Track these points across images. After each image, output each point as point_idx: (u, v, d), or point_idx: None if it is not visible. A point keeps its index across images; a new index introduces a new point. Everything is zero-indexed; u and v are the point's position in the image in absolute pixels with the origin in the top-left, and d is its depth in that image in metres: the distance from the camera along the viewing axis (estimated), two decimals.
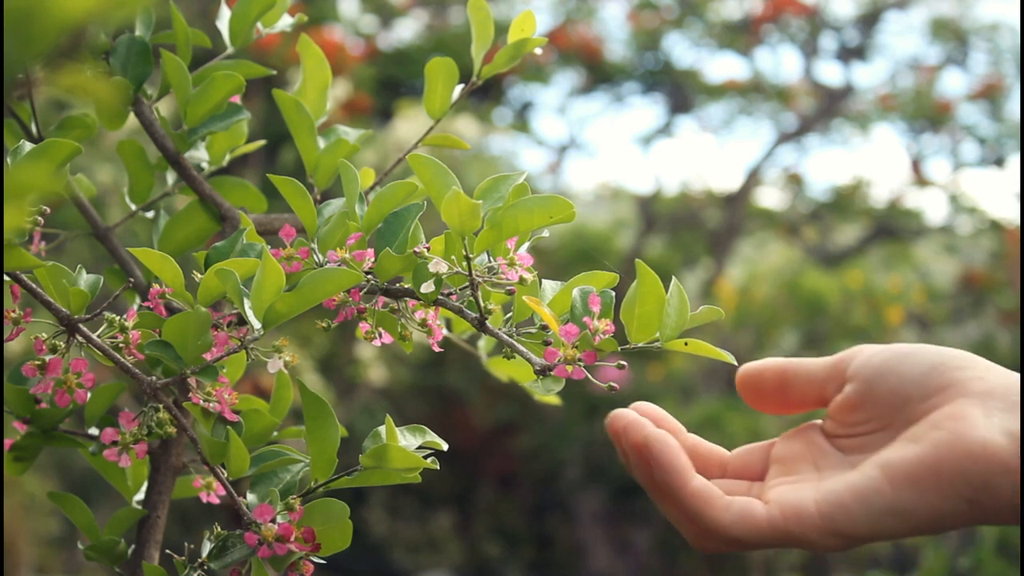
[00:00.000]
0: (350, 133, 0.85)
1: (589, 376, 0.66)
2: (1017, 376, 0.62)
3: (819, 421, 0.68)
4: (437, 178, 0.66)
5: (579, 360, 0.65)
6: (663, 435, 0.63)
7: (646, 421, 0.64)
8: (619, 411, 0.65)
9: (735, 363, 0.67)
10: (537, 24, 0.81)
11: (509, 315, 0.70)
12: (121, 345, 0.70)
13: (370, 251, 0.71)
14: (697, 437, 0.69)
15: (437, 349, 0.74)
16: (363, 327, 0.72)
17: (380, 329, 0.72)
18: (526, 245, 0.70)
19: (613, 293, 0.67)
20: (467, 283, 0.68)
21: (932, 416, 0.60)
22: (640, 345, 0.67)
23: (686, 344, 0.67)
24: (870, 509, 0.60)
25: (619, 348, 0.66)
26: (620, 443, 0.65)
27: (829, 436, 0.66)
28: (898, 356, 0.63)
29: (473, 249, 0.67)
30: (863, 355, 0.65)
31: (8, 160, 0.68)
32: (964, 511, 0.59)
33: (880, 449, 0.62)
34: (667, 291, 0.66)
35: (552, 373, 0.65)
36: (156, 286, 0.72)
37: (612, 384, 0.67)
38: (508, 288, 0.68)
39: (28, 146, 0.68)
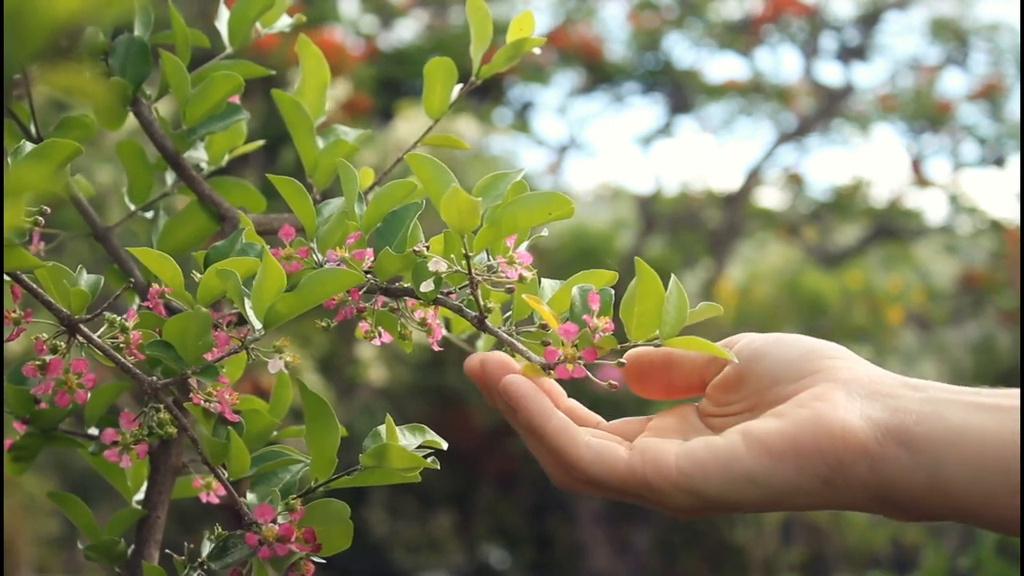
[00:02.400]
0: (349, 133, 0.85)
1: (589, 375, 0.66)
2: (884, 372, 0.64)
3: (690, 403, 0.70)
4: (436, 177, 0.66)
5: (579, 358, 0.65)
6: (520, 378, 0.65)
7: (509, 363, 0.67)
8: (469, 360, 0.68)
9: (736, 360, 0.67)
10: (537, 24, 0.81)
11: (508, 314, 0.70)
12: (122, 345, 0.70)
13: (369, 250, 0.71)
14: (575, 402, 0.71)
15: (437, 348, 0.74)
16: (363, 326, 0.72)
17: (380, 328, 0.72)
18: (525, 243, 0.70)
19: (612, 291, 0.67)
20: (466, 282, 0.68)
21: (798, 396, 0.63)
22: (640, 343, 0.67)
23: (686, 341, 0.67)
24: (727, 472, 0.61)
25: (619, 346, 0.67)
26: (481, 384, 0.68)
27: (703, 415, 0.68)
28: (774, 341, 0.67)
29: (472, 247, 0.67)
30: (744, 339, 0.68)
31: (8, 160, 0.68)
32: (819, 490, 0.61)
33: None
34: (666, 289, 0.66)
35: (552, 372, 0.65)
36: (155, 286, 0.72)
37: (612, 382, 0.67)
38: (508, 286, 0.69)
39: (29, 146, 0.68)
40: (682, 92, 5.42)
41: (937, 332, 5.44)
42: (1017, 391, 0.60)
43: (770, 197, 5.89)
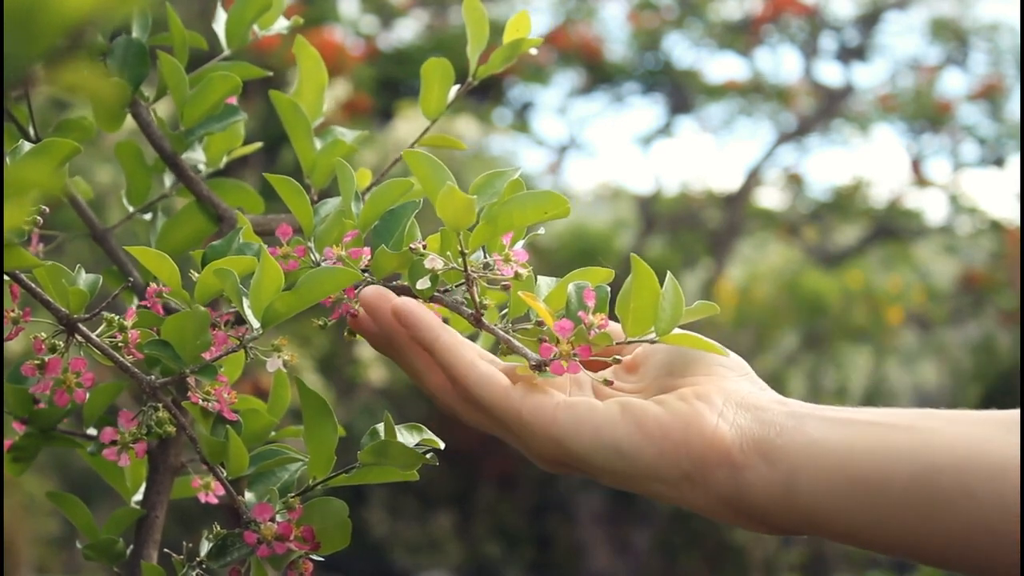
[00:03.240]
0: (347, 134, 0.85)
1: (585, 371, 0.66)
2: (764, 388, 0.66)
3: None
4: (432, 174, 0.67)
5: (574, 355, 0.65)
6: (410, 300, 0.67)
7: (392, 294, 0.68)
8: (364, 290, 0.68)
9: (729, 354, 0.68)
10: (537, 24, 0.81)
11: (505, 311, 0.71)
12: (120, 344, 0.70)
13: (366, 249, 0.71)
14: (453, 335, 0.71)
15: None
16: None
17: None
18: (522, 241, 0.70)
19: (608, 288, 0.67)
20: (463, 279, 0.68)
21: (681, 391, 0.65)
22: (635, 339, 0.67)
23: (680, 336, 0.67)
24: (597, 433, 0.63)
25: (614, 343, 0.67)
26: (374, 317, 0.68)
27: (594, 385, 0.69)
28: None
29: (468, 245, 0.67)
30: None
31: (7, 160, 0.68)
32: (676, 483, 0.63)
33: None
34: (662, 286, 0.66)
35: (547, 369, 0.65)
36: (153, 285, 0.72)
37: (608, 379, 0.68)
38: (504, 284, 0.69)
39: (27, 146, 0.68)
40: (682, 92, 5.42)
41: (937, 332, 5.44)
42: (877, 410, 0.62)
43: (770, 197, 5.90)
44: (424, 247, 0.69)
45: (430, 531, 4.61)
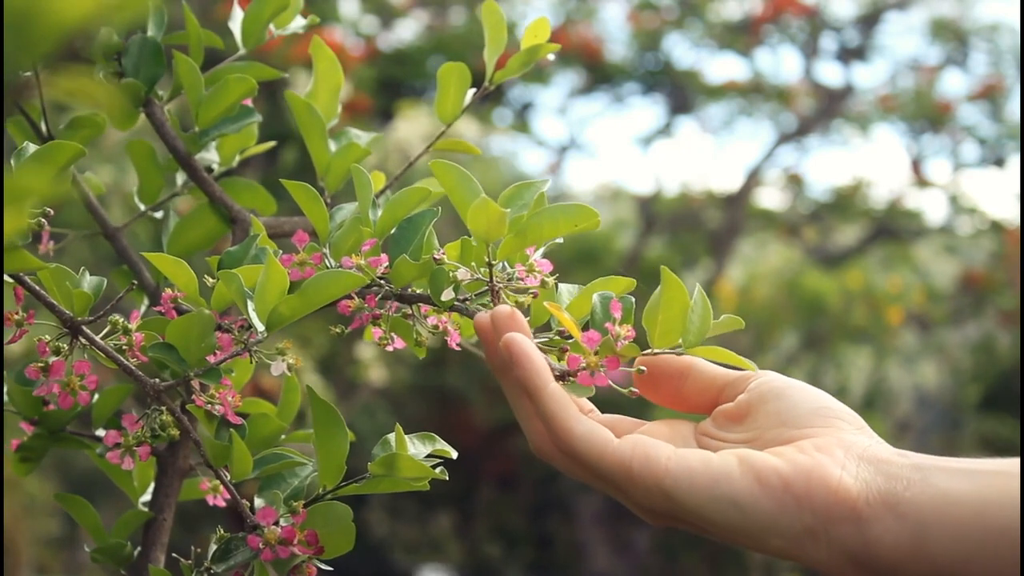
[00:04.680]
0: (362, 136, 0.84)
1: (612, 383, 0.66)
2: (880, 441, 0.65)
3: (690, 421, 0.70)
4: (460, 185, 0.66)
5: (601, 366, 0.65)
6: (523, 338, 0.65)
7: (519, 318, 0.66)
8: (480, 315, 0.67)
9: (756, 370, 0.68)
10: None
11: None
12: (125, 347, 0.70)
13: (384, 257, 0.70)
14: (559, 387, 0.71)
15: (456, 347, 0.74)
16: (376, 332, 0.71)
17: (392, 334, 0.72)
18: (541, 251, 0.70)
19: (633, 299, 0.67)
20: (483, 288, 0.68)
21: (800, 443, 0.63)
22: (662, 351, 0.67)
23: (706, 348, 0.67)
24: (714, 487, 0.62)
25: (641, 354, 0.66)
26: (485, 344, 0.67)
27: (699, 434, 0.68)
28: (796, 387, 0.67)
29: (496, 256, 0.67)
30: (766, 376, 0.68)
31: (12, 162, 0.68)
32: (797, 536, 0.61)
33: None
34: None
35: (573, 379, 0.65)
36: (168, 291, 0.72)
37: (632, 388, 0.67)
38: (532, 291, 0.69)
39: (32, 148, 0.68)
40: (682, 92, 5.42)
41: (937, 332, 5.44)
42: (997, 460, 0.61)
43: (770, 197, 5.90)
44: (445, 257, 0.69)
45: (430, 531, 4.61)
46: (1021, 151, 5.12)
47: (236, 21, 0.86)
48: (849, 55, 5.46)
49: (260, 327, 0.67)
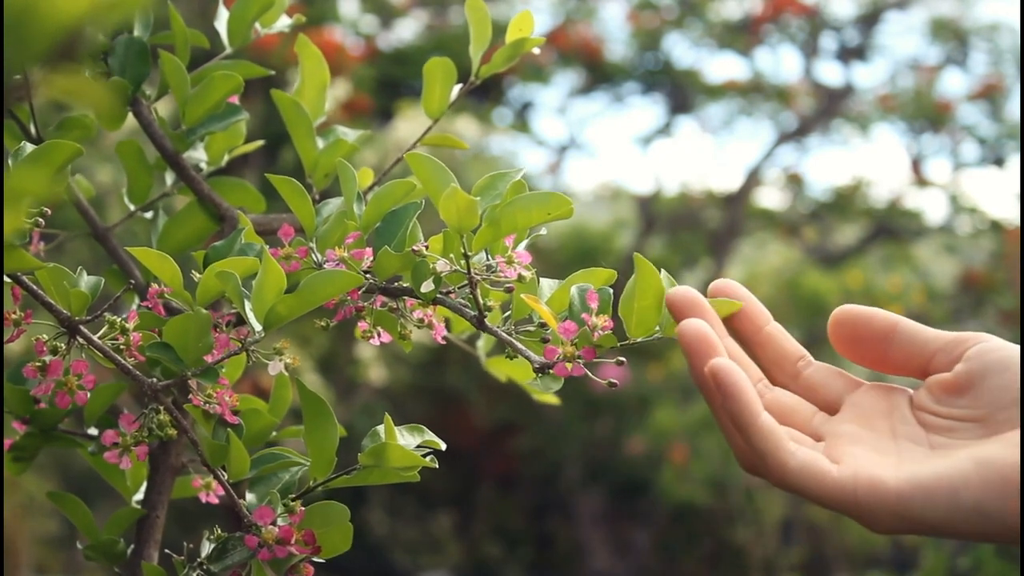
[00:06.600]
0: (349, 133, 0.85)
1: (589, 373, 0.66)
2: None
3: (905, 388, 0.66)
4: (434, 176, 0.66)
5: (578, 357, 0.65)
6: (731, 367, 0.61)
7: (715, 341, 0.62)
8: (685, 323, 0.63)
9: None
10: (537, 24, 0.81)
11: (508, 313, 0.70)
12: (122, 347, 0.70)
13: (368, 250, 0.71)
14: (780, 327, 0.67)
15: (441, 341, 0.74)
16: (361, 326, 0.72)
17: (378, 328, 0.72)
18: (524, 243, 0.70)
19: (611, 290, 0.67)
20: (466, 281, 0.68)
21: None
22: (639, 340, 0.67)
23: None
24: (954, 500, 0.58)
25: (618, 344, 0.66)
26: (690, 361, 0.63)
27: (916, 407, 0.64)
28: (1017, 356, 0.61)
29: (471, 247, 0.67)
30: (987, 342, 0.62)
31: (8, 162, 0.68)
32: None
33: (968, 439, 0.60)
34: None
35: (551, 371, 0.65)
36: (155, 286, 0.72)
37: (612, 381, 0.67)
38: (507, 286, 0.68)
39: (29, 147, 0.68)
40: (682, 92, 5.42)
41: None
42: None
43: (770, 197, 5.89)
44: (426, 249, 0.69)
45: (430, 531, 4.61)
46: (1021, 151, 5.11)
47: (222, 20, 0.86)
48: (849, 55, 5.46)
49: (258, 327, 0.67)
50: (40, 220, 0.70)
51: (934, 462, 0.60)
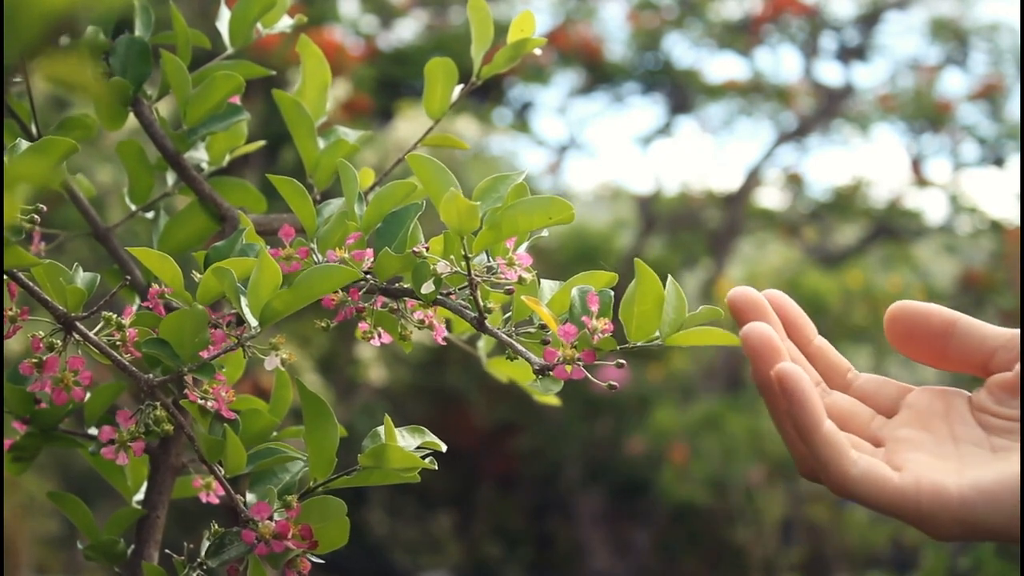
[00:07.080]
0: (350, 134, 0.85)
1: (588, 375, 0.66)
2: None
3: (960, 390, 0.65)
4: (436, 178, 0.66)
5: (578, 359, 0.65)
6: (799, 372, 0.60)
7: (780, 346, 0.62)
8: (750, 327, 0.62)
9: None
10: (537, 24, 0.81)
11: (508, 315, 0.70)
12: (118, 343, 0.70)
13: (369, 251, 0.71)
14: (825, 341, 0.67)
15: (441, 342, 0.74)
16: (362, 327, 0.72)
17: (379, 329, 0.72)
18: (525, 245, 0.70)
19: (612, 292, 0.67)
20: (466, 283, 0.68)
21: None
22: (639, 344, 0.67)
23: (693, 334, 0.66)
24: (1018, 505, 0.57)
25: (618, 347, 0.66)
26: (754, 365, 0.62)
27: (976, 408, 0.63)
28: None
29: (472, 249, 0.67)
30: None
31: (6, 157, 0.68)
32: None
33: None
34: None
35: (551, 373, 0.65)
36: (155, 286, 0.72)
37: (612, 383, 0.67)
38: (507, 288, 0.68)
39: (24, 144, 0.68)
40: (682, 92, 5.42)
41: None
42: None
43: (770, 197, 5.89)
44: (427, 250, 0.69)
45: (430, 531, 4.61)
46: (1021, 151, 5.12)
47: (223, 21, 0.86)
48: (849, 55, 5.46)
49: (253, 322, 0.67)
50: (36, 217, 0.70)
51: (996, 465, 0.59)
